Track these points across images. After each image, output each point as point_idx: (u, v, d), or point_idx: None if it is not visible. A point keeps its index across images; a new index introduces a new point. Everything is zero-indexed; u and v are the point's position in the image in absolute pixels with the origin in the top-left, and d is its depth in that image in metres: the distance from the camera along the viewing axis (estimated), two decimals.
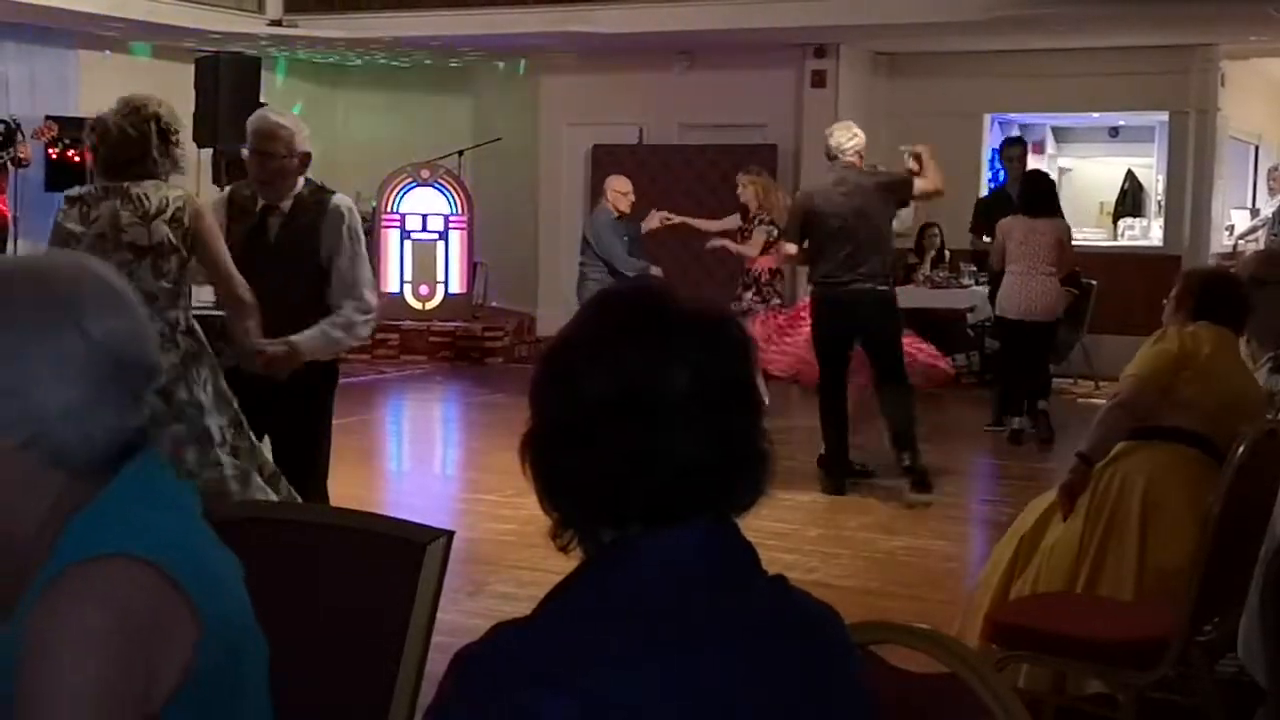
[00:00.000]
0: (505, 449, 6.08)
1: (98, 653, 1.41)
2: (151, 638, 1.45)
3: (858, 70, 13.09)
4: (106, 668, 1.42)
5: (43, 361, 1.48)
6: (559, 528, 1.35)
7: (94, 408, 1.50)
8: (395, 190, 13.40)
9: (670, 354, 1.30)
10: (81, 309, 1.51)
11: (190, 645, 1.48)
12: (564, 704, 1.18)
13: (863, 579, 5.67)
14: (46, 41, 12.22)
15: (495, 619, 4.40)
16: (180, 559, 1.50)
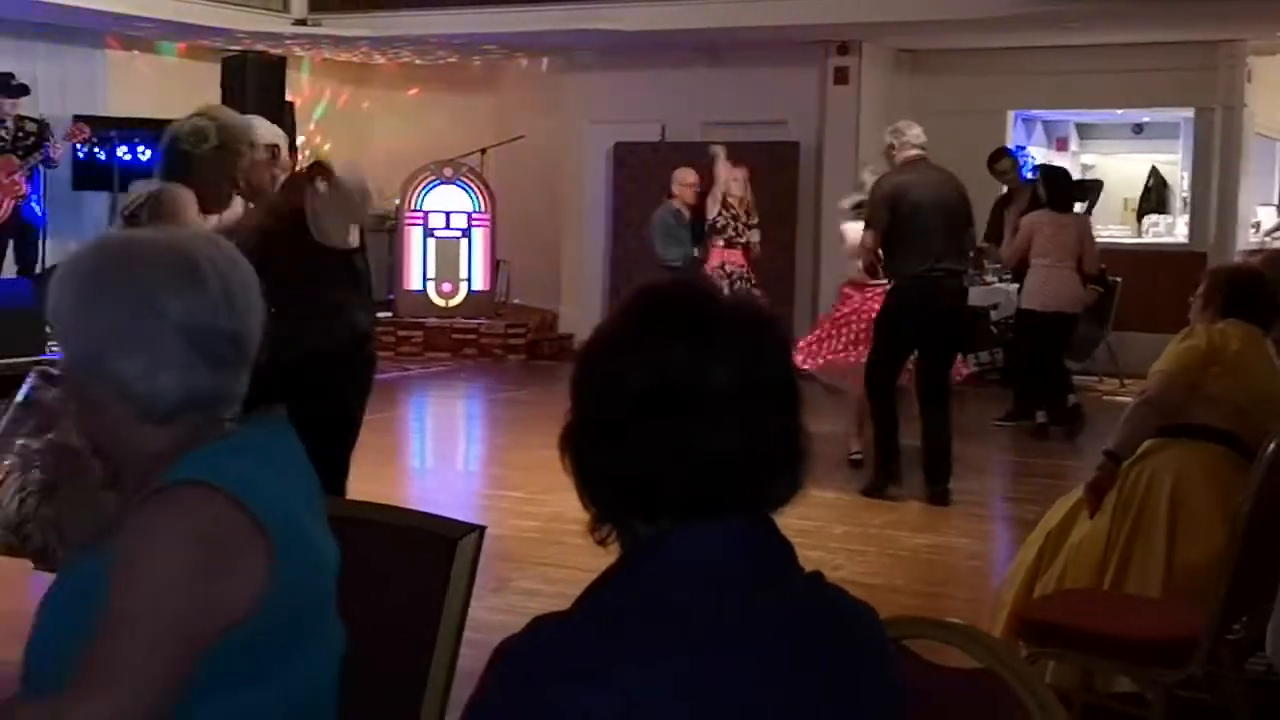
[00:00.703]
0: (528, 446, 6.17)
1: (172, 558, 1.62)
2: (223, 554, 1.64)
3: (880, 67, 13.06)
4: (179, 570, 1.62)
5: (111, 329, 1.70)
6: (597, 522, 1.35)
7: (160, 369, 1.70)
8: (418, 188, 13.43)
9: (710, 350, 1.30)
10: (157, 285, 1.71)
11: (261, 584, 1.65)
12: (602, 698, 1.19)
13: (888, 576, 5.67)
14: (75, 41, 12.28)
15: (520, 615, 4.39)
16: (265, 505, 1.67)
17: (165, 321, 1.71)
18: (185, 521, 1.64)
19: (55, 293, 1.75)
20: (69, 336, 1.74)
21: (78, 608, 1.68)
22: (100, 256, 1.78)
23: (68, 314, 1.74)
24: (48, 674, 1.71)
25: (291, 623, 1.71)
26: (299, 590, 1.71)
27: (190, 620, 1.62)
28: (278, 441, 1.82)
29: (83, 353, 1.73)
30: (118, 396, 1.72)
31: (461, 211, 13.53)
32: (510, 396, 11.27)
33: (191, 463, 1.69)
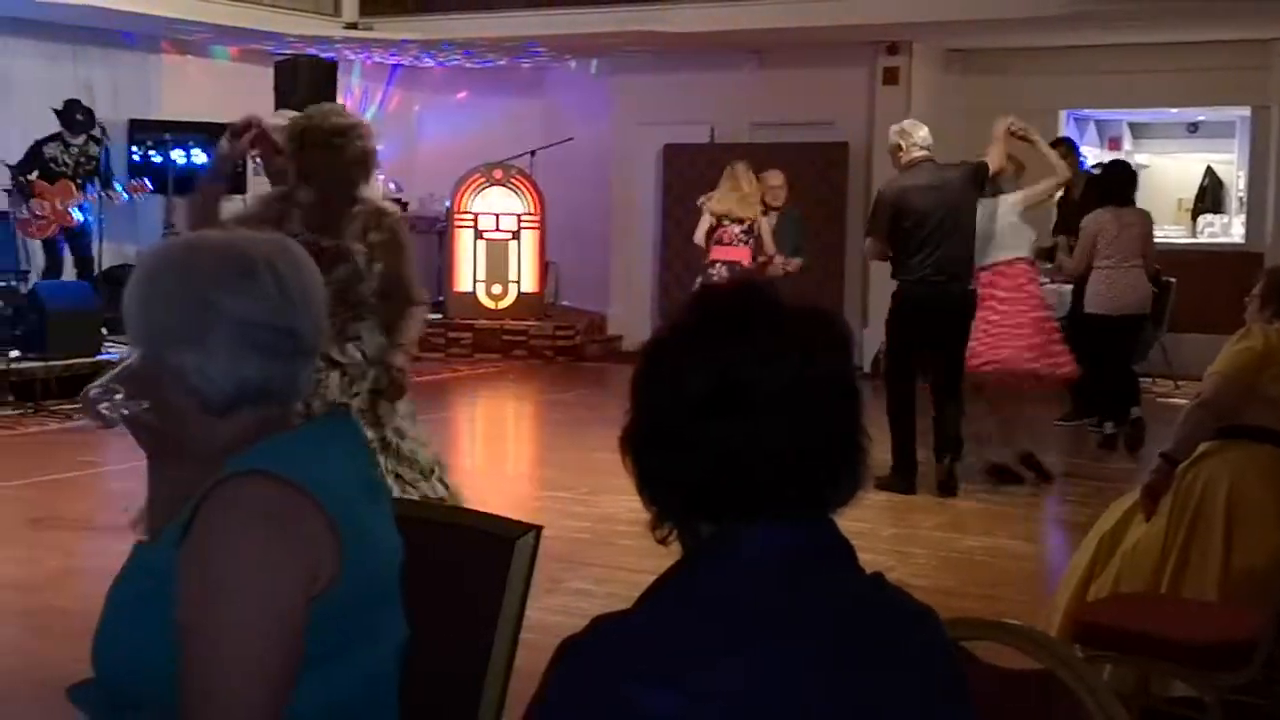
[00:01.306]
0: (578, 447, 6.18)
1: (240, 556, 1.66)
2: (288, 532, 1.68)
3: (930, 67, 13.01)
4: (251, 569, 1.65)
5: (169, 323, 1.76)
6: (657, 521, 1.36)
7: (216, 362, 1.75)
8: (468, 190, 13.49)
9: (770, 349, 1.30)
10: (212, 281, 1.77)
11: (331, 561, 1.69)
12: (667, 697, 1.19)
13: (939, 579, 5.64)
14: (130, 46, 12.43)
15: (572, 615, 4.42)
16: (320, 489, 1.71)
17: (219, 316, 1.76)
18: (242, 511, 1.68)
19: (127, 290, 1.82)
20: (136, 332, 1.81)
21: (145, 599, 1.72)
22: (163, 255, 1.85)
23: (134, 310, 1.80)
24: (115, 666, 1.76)
25: (357, 607, 1.74)
26: (362, 573, 1.74)
27: (278, 613, 1.66)
28: (339, 432, 1.87)
29: (147, 347, 1.79)
30: (180, 389, 1.77)
31: (511, 213, 13.59)
32: (559, 398, 11.30)
33: (247, 455, 1.75)
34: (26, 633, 5.01)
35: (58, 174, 10.73)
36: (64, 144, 10.81)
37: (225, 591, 1.65)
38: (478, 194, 13.54)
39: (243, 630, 1.64)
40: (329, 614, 1.70)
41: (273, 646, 1.65)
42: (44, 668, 4.34)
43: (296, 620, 1.67)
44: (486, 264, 13.56)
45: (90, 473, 7.79)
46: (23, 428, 8.90)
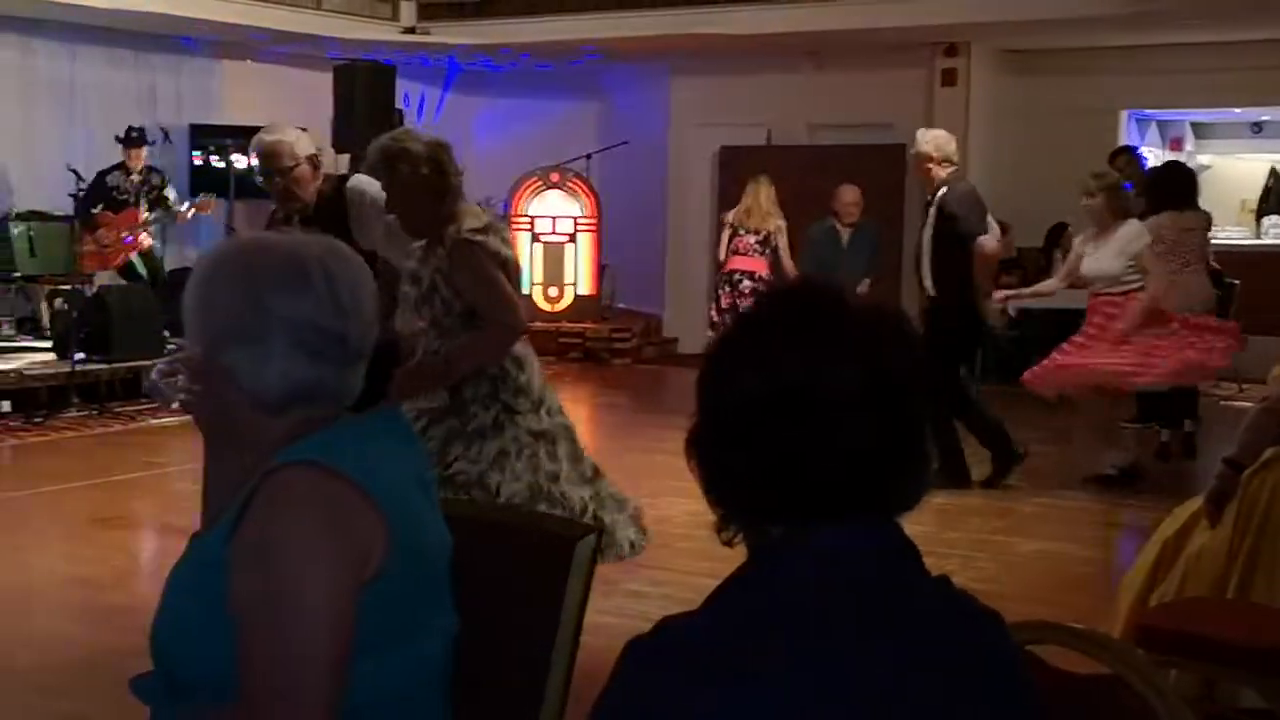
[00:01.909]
0: (634, 450, 6.18)
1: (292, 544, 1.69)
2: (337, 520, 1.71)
3: (989, 68, 12.92)
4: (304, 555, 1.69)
5: (221, 323, 1.81)
6: (723, 523, 1.36)
7: (265, 362, 1.79)
8: (525, 193, 13.55)
9: (839, 350, 1.30)
10: (265, 283, 1.81)
11: (380, 546, 1.73)
12: (735, 698, 1.19)
13: (1001, 582, 5.59)
14: (192, 52, 12.58)
15: (628, 618, 4.42)
16: (369, 479, 1.74)
17: (270, 318, 1.80)
18: (291, 501, 1.72)
19: (187, 287, 1.87)
20: (192, 328, 1.85)
21: (199, 587, 1.76)
22: (221, 256, 1.89)
23: (192, 307, 1.85)
24: (171, 653, 1.80)
25: (406, 595, 1.77)
26: (411, 561, 1.78)
27: (330, 600, 1.69)
28: (387, 426, 1.90)
29: (202, 344, 1.83)
30: (233, 386, 1.81)
31: (567, 216, 13.62)
32: (615, 401, 11.31)
33: (295, 447, 1.79)
34: (92, 628, 5.08)
35: (121, 202, 10.88)
36: (126, 172, 10.95)
37: (278, 580, 1.68)
38: (535, 197, 13.59)
39: (298, 618, 1.67)
40: (379, 601, 1.73)
41: (327, 632, 1.68)
42: (108, 662, 4.40)
43: (348, 606, 1.70)
44: (543, 267, 13.61)
45: (155, 473, 7.89)
46: (88, 429, 9.03)
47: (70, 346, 9.40)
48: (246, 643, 1.68)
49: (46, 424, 9.02)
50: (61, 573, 5.76)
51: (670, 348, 13.86)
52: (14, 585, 5.57)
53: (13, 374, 9.25)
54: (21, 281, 10.94)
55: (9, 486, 7.49)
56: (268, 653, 1.67)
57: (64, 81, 11.80)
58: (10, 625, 5.07)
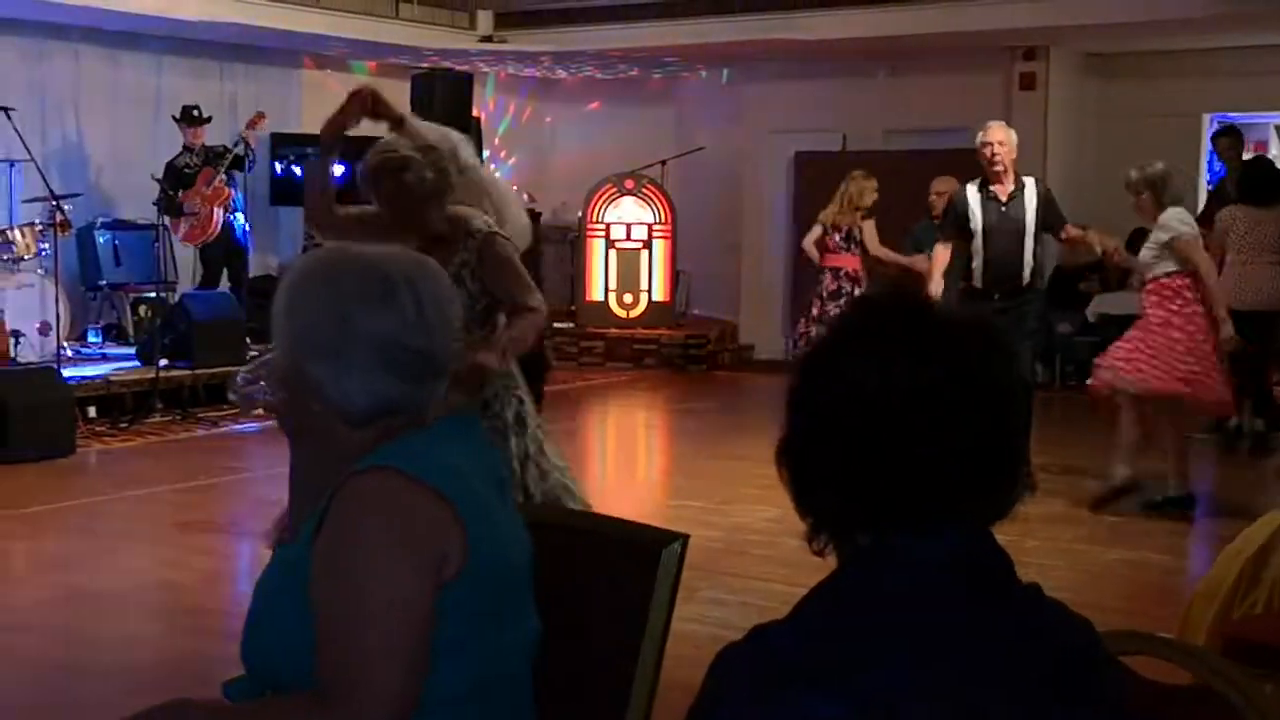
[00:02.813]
0: (710, 456, 6.19)
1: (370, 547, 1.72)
2: (414, 524, 1.74)
3: (1068, 72, 12.78)
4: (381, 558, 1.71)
5: (311, 339, 1.82)
6: (813, 533, 1.36)
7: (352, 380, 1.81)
8: (600, 200, 13.60)
9: (931, 360, 1.30)
10: (351, 298, 1.82)
11: (458, 549, 1.75)
12: (833, 706, 1.20)
13: (1082, 592, 5.52)
14: (271, 61, 12.76)
15: (707, 624, 4.42)
16: (447, 482, 1.76)
17: (355, 333, 1.81)
18: (370, 504, 1.74)
19: (275, 297, 1.89)
20: (280, 338, 1.87)
21: (286, 593, 1.80)
22: (309, 269, 1.90)
23: (280, 318, 1.87)
24: (263, 658, 1.84)
25: (485, 595, 1.79)
26: (494, 564, 1.80)
27: (403, 597, 1.71)
28: (463, 432, 1.92)
29: (287, 353, 1.86)
30: (317, 397, 1.84)
31: (642, 223, 13.65)
32: (691, 407, 11.31)
33: (377, 453, 1.81)
34: (175, 631, 5.16)
35: (191, 176, 11.06)
36: (189, 150, 11.13)
37: (354, 578, 1.71)
38: (609, 204, 13.63)
39: (372, 614, 1.70)
40: (458, 604, 1.75)
41: (398, 627, 1.70)
42: (190, 664, 4.48)
43: (423, 605, 1.72)
44: (618, 273, 13.64)
45: (237, 478, 8.01)
46: (171, 434, 9.18)
47: (154, 353, 9.56)
48: (323, 636, 1.72)
49: (132, 429, 9.18)
50: (146, 575, 5.86)
51: (746, 354, 13.84)
52: (100, 587, 5.67)
53: (99, 380, 9.42)
54: (107, 289, 11.15)
55: (95, 490, 7.63)
56: (342, 646, 1.70)
57: (150, 93, 12.03)
58: (95, 627, 5.16)
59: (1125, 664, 1.54)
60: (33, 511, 7.03)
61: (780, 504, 5.09)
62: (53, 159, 11.09)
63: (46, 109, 11.39)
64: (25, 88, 11.10)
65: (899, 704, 1.21)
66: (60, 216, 9.65)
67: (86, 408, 9.16)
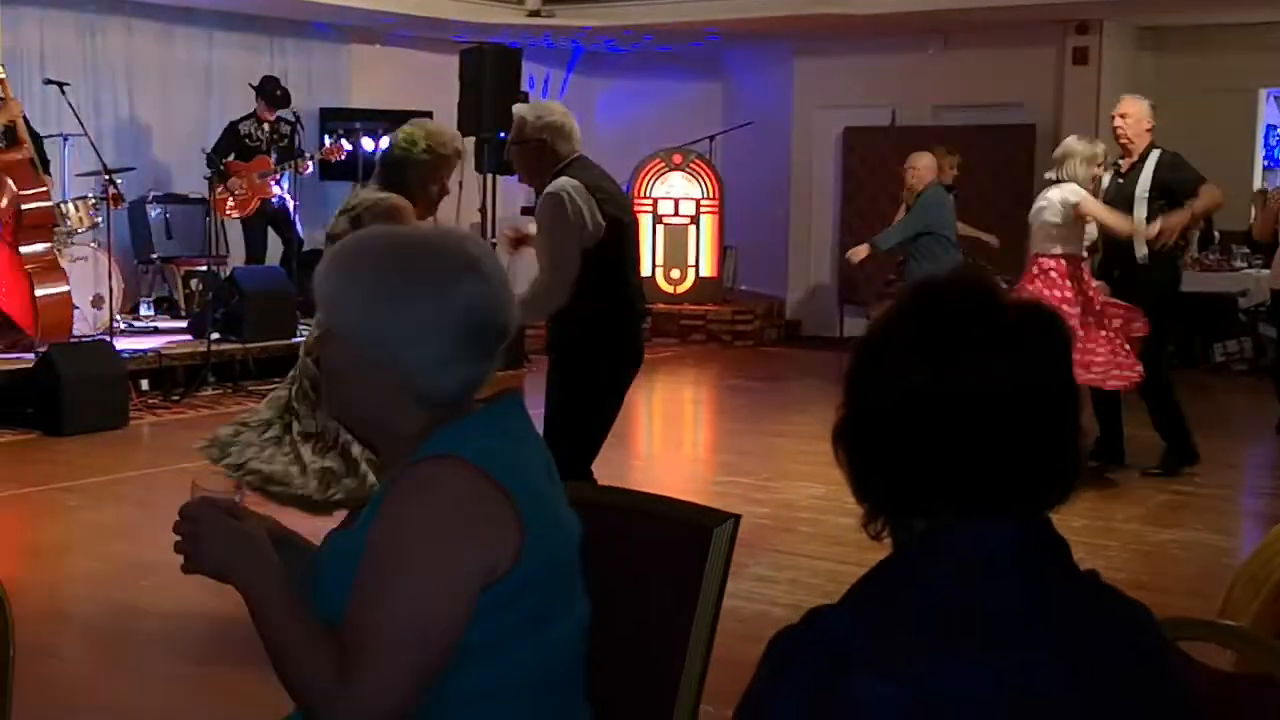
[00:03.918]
0: (758, 433, 6.18)
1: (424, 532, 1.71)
2: (473, 517, 1.73)
3: (1122, 46, 12.63)
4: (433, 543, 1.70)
5: (408, 322, 1.78)
6: (870, 516, 1.36)
7: (448, 362, 1.79)
8: (648, 176, 13.58)
9: (992, 346, 1.30)
10: (451, 280, 1.80)
11: (512, 548, 1.73)
12: (893, 690, 1.20)
13: (1134, 572, 5.49)
14: (322, 37, 12.81)
15: (755, 602, 4.40)
16: (509, 474, 1.75)
17: (456, 316, 1.79)
18: (432, 493, 1.73)
19: (339, 282, 1.82)
20: (358, 324, 1.80)
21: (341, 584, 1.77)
22: (384, 253, 1.84)
23: (358, 303, 1.80)
24: None
25: (543, 588, 1.79)
26: (548, 555, 1.78)
27: (454, 590, 1.70)
28: (512, 417, 1.90)
29: (374, 341, 1.79)
30: (400, 384, 1.80)
31: (690, 198, 13.63)
32: (738, 383, 11.30)
33: (438, 440, 1.78)
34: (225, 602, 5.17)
35: (253, 149, 11.12)
36: (257, 121, 11.19)
37: (402, 554, 1.69)
38: (657, 179, 13.61)
39: (410, 590, 1.68)
40: (514, 592, 1.74)
41: (436, 614, 1.69)
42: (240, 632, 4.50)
43: (462, 603, 1.71)
44: (665, 249, 13.63)
45: None
46: (223, 407, 9.25)
47: (206, 327, 9.64)
48: (352, 603, 1.70)
49: (183, 402, 9.27)
50: None
51: (793, 330, 13.80)
52: (151, 558, 5.73)
53: (151, 354, 9.51)
54: (159, 263, 11.24)
55: (148, 463, 7.72)
56: (373, 612, 1.68)
57: (201, 67, 12.10)
58: (146, 596, 5.22)
59: (1183, 651, 1.53)
60: (88, 483, 7.13)
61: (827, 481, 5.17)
62: (106, 133, 11.19)
63: (100, 84, 11.49)
64: (79, 63, 11.20)
65: (955, 690, 1.20)
66: (113, 190, 9.73)
67: (139, 381, 9.25)
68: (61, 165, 10.34)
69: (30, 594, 4.98)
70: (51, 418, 8.16)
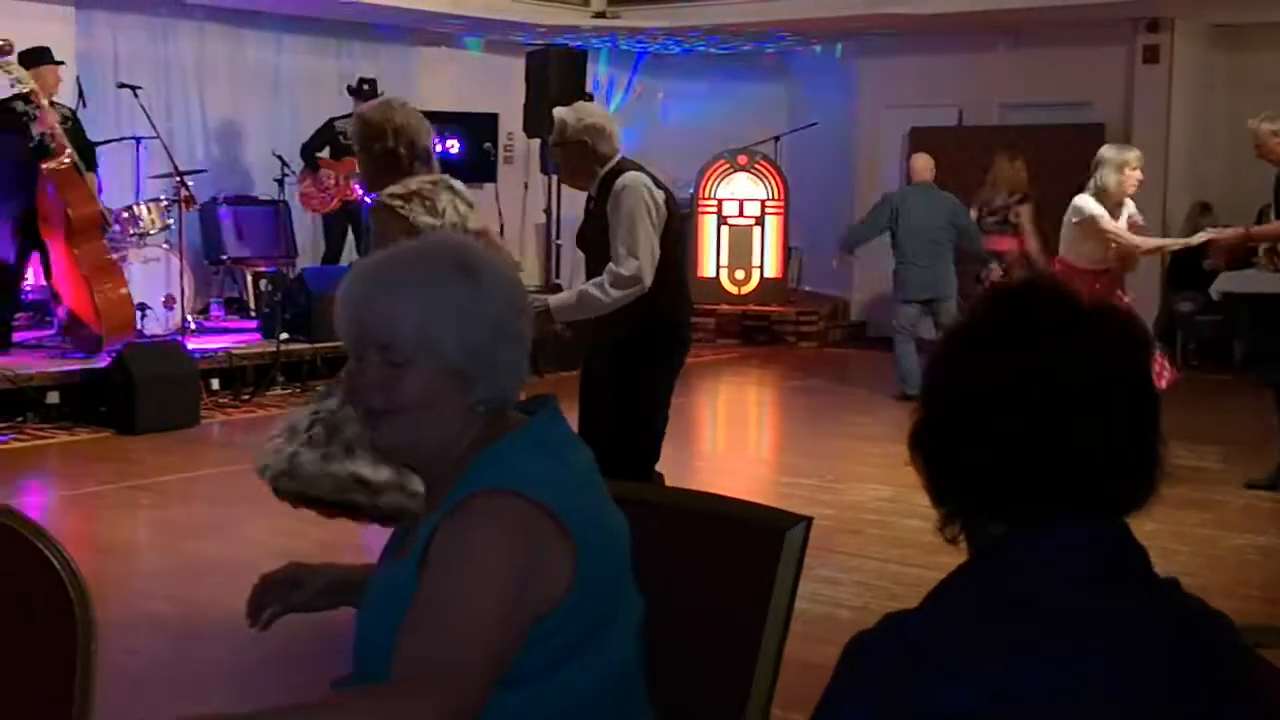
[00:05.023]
0: (822, 434, 6.16)
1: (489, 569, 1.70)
2: (534, 558, 1.72)
3: (1194, 44, 12.46)
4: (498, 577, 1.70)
5: (452, 311, 1.79)
6: (947, 520, 1.35)
7: (494, 350, 1.80)
8: (713, 177, 13.57)
9: (1076, 348, 1.29)
10: (514, 286, 1.85)
11: (565, 582, 1.73)
12: (970, 693, 1.19)
13: (1205, 578, 5.42)
14: (390, 40, 12.91)
15: (821, 603, 4.38)
16: (565, 504, 1.74)
17: (517, 323, 1.85)
18: (498, 533, 1.72)
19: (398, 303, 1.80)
20: (445, 334, 1.79)
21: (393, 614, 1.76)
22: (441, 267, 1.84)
23: (439, 315, 1.79)
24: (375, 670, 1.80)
25: (597, 608, 1.79)
26: (601, 580, 1.79)
27: (507, 622, 1.70)
28: (557, 428, 1.90)
29: (462, 348, 1.79)
30: (469, 390, 1.81)
31: (755, 199, 13.61)
32: (802, 384, 11.27)
33: (493, 463, 1.78)
34: None
35: (345, 149, 11.21)
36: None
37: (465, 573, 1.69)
38: (722, 180, 13.60)
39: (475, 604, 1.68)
40: (571, 614, 1.74)
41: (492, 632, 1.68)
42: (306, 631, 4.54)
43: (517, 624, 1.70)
44: (730, 250, 13.62)
45: None
46: (292, 406, 9.35)
47: (275, 327, 9.75)
48: (409, 634, 1.69)
49: (253, 401, 9.38)
50: (266, 545, 5.98)
51: (858, 331, 13.74)
52: (221, 556, 5.82)
53: (221, 353, 9.63)
54: (229, 263, 11.38)
55: (218, 461, 7.81)
56: (428, 638, 1.67)
57: (270, 70, 12.24)
58: (216, 593, 5.29)
59: (1264, 659, 1.51)
60: (160, 481, 7.23)
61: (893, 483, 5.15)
62: (178, 136, 11.34)
63: (172, 87, 11.65)
64: (151, 66, 11.36)
65: (1035, 697, 1.20)
66: (185, 192, 9.87)
67: (210, 380, 9.37)
68: (135, 168, 10.49)
69: (104, 590, 5.05)
70: (125, 417, 8.29)
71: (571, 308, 4.84)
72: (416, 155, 4.54)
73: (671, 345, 5.02)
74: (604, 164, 4.90)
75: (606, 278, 4.75)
